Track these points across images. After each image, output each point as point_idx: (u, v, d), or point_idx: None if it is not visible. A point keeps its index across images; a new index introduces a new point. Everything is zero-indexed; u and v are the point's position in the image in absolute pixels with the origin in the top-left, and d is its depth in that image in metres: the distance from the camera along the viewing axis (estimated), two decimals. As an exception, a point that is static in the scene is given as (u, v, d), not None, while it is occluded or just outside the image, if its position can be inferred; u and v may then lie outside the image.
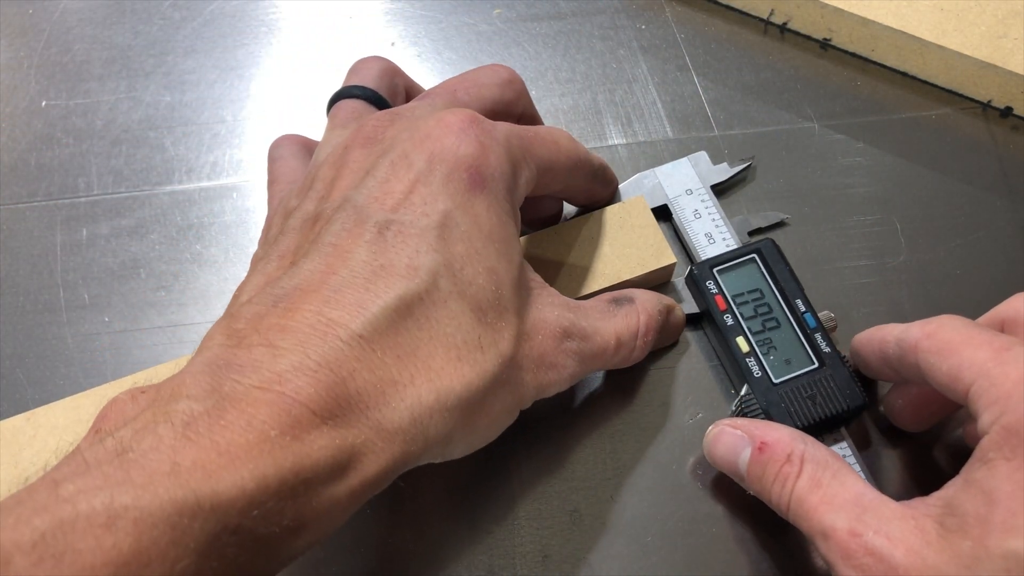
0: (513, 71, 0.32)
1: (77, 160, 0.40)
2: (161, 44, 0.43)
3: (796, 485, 0.27)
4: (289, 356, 0.21)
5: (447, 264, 0.24)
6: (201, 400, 0.20)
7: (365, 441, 0.22)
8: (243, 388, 0.21)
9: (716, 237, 0.35)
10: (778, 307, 0.33)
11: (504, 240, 0.26)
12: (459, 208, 0.25)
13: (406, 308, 0.23)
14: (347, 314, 0.23)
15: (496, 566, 0.31)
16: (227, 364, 0.22)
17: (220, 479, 0.19)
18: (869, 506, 0.25)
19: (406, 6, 0.44)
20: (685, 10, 0.43)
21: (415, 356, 0.23)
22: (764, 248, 0.34)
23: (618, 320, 0.30)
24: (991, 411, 0.23)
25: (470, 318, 0.24)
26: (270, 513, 0.20)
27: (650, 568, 0.31)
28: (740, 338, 0.32)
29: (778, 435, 0.28)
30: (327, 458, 0.21)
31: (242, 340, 0.22)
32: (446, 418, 0.23)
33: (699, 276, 0.33)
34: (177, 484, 0.18)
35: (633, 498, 0.32)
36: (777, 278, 0.33)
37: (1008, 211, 0.37)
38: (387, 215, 0.25)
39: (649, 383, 0.34)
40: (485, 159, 0.26)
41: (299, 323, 0.22)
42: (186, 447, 0.19)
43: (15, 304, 0.36)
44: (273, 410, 0.20)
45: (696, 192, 0.37)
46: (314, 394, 0.21)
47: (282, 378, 0.21)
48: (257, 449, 0.20)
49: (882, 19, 0.39)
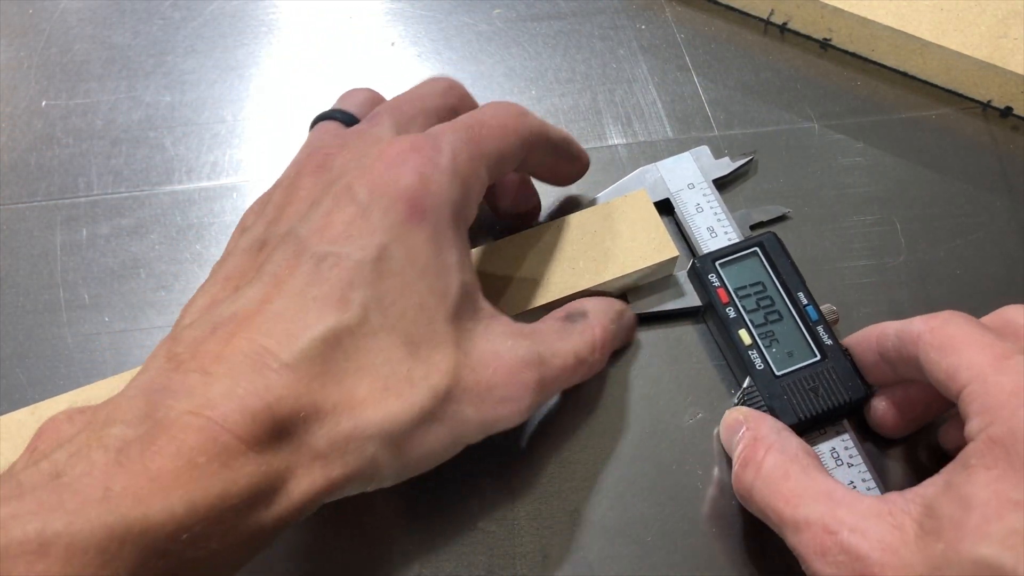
0: (452, 79, 0.32)
1: (77, 160, 0.40)
2: (161, 44, 0.43)
3: (760, 472, 0.27)
4: (220, 383, 0.22)
5: (378, 298, 0.25)
6: (134, 425, 0.21)
7: (288, 467, 0.23)
8: (175, 414, 0.21)
9: (718, 231, 0.35)
10: (780, 300, 0.33)
11: (440, 273, 0.26)
12: (395, 242, 0.25)
13: (335, 339, 0.24)
14: (278, 343, 0.23)
15: (496, 566, 0.31)
16: (163, 388, 0.22)
17: (150, 505, 0.20)
18: (842, 501, 0.25)
19: (406, 6, 0.44)
20: (685, 10, 0.43)
21: (340, 385, 0.24)
22: (766, 241, 0.34)
23: (575, 338, 0.30)
24: (981, 418, 0.23)
25: (400, 351, 0.25)
26: (198, 538, 0.21)
27: (650, 568, 0.31)
28: (743, 331, 0.32)
29: (760, 423, 0.29)
30: (252, 485, 0.22)
31: (180, 364, 0.23)
32: (365, 446, 0.24)
33: (702, 269, 0.34)
34: (108, 510, 0.19)
35: (633, 498, 0.32)
36: (779, 271, 0.33)
37: (1008, 211, 0.37)
38: (325, 247, 0.25)
39: (649, 383, 0.34)
40: (425, 191, 0.26)
41: (233, 351, 0.23)
42: (118, 473, 0.20)
43: (15, 304, 0.36)
44: (202, 437, 0.21)
45: (698, 186, 0.37)
46: (241, 420, 0.22)
47: (212, 404, 0.22)
48: (186, 476, 0.20)
49: (882, 19, 0.39)
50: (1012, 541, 0.21)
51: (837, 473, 0.31)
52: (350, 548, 0.31)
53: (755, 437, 0.29)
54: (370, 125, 0.30)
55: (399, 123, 0.30)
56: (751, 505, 0.28)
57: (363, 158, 0.27)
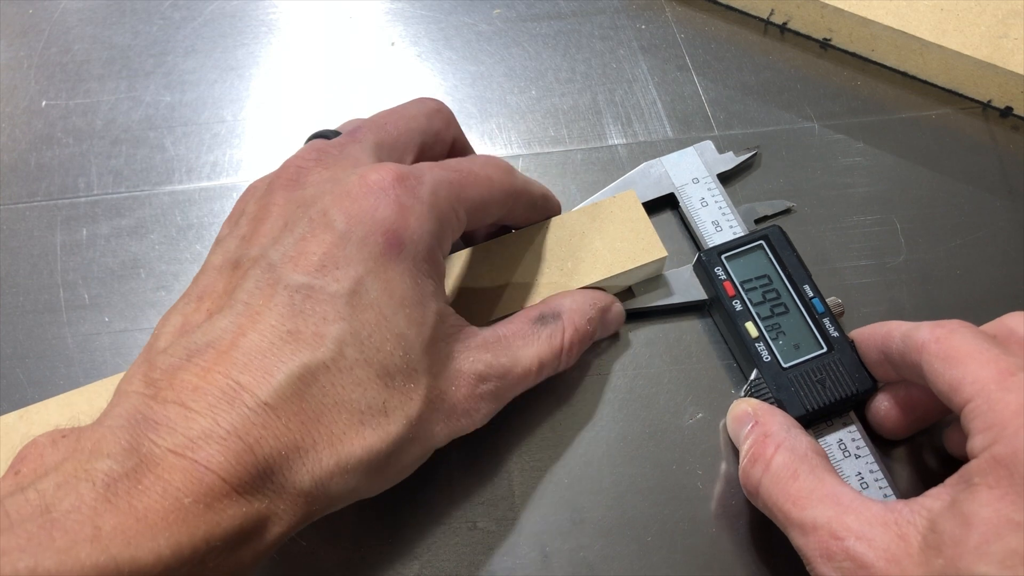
0: (440, 101, 0.32)
1: (77, 160, 0.40)
2: (161, 44, 0.43)
3: (768, 470, 0.27)
4: (200, 420, 0.22)
5: (354, 332, 0.25)
6: (120, 460, 0.21)
7: (270, 506, 0.23)
8: (160, 451, 0.22)
9: (723, 225, 0.36)
10: (786, 292, 0.33)
11: (416, 304, 0.26)
12: (371, 274, 0.25)
13: (311, 376, 0.24)
14: (254, 380, 0.23)
15: (496, 566, 0.31)
16: (144, 419, 0.22)
17: (138, 546, 0.20)
18: (850, 506, 0.25)
19: (406, 6, 0.44)
20: (685, 10, 0.43)
21: (319, 422, 0.24)
22: (772, 234, 0.34)
23: (541, 343, 0.30)
24: (984, 436, 0.23)
25: (376, 384, 0.25)
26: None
27: (650, 568, 0.31)
28: (749, 323, 0.32)
29: (770, 418, 0.29)
30: (236, 526, 0.22)
31: (158, 392, 0.23)
32: (347, 479, 0.24)
33: (708, 263, 0.34)
34: (99, 549, 0.19)
35: (633, 498, 0.32)
36: (785, 264, 0.33)
37: (1008, 211, 0.37)
38: (300, 278, 0.25)
39: (649, 383, 0.34)
40: (404, 222, 0.26)
41: (210, 385, 0.23)
42: (107, 511, 0.20)
43: (15, 304, 0.36)
44: (187, 477, 0.21)
45: (703, 181, 0.37)
46: (224, 463, 0.22)
47: (195, 444, 0.22)
48: (173, 516, 0.21)
49: (882, 19, 0.39)
50: (1011, 561, 0.21)
51: (844, 465, 0.31)
52: (350, 548, 0.31)
53: (765, 433, 0.29)
54: (350, 140, 0.29)
55: (381, 143, 0.29)
56: (757, 501, 0.28)
57: (341, 182, 0.26)
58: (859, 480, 0.30)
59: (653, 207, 0.37)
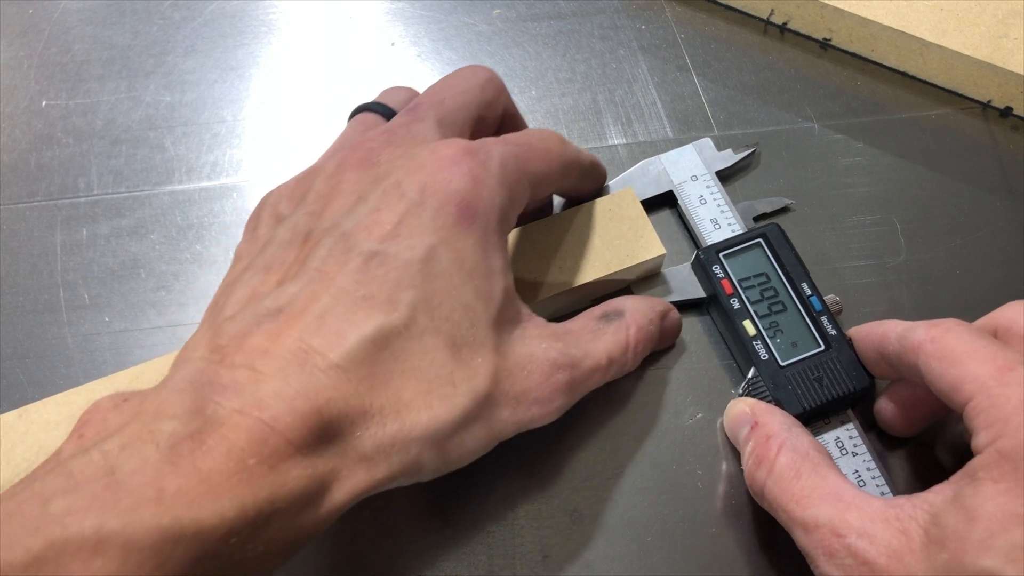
0: (491, 70, 0.32)
1: (77, 160, 0.40)
2: (161, 44, 0.43)
3: (772, 470, 0.27)
4: (270, 382, 0.22)
5: (426, 300, 0.25)
6: (184, 421, 0.21)
7: (333, 470, 0.23)
8: (225, 412, 0.21)
9: (722, 222, 0.36)
10: (784, 291, 0.33)
11: (485, 276, 0.26)
12: (444, 243, 0.25)
13: (383, 340, 0.24)
14: (326, 342, 0.23)
15: (496, 566, 0.31)
16: (210, 383, 0.22)
17: (202, 507, 0.20)
18: (852, 503, 0.25)
19: (406, 6, 0.44)
20: (685, 10, 0.43)
21: (387, 388, 0.24)
22: (770, 232, 0.34)
23: (608, 338, 0.30)
24: (987, 432, 0.23)
25: (444, 354, 0.25)
26: (245, 540, 0.21)
27: (650, 568, 0.31)
28: (747, 321, 0.32)
29: (770, 418, 0.29)
30: (299, 488, 0.22)
31: (225, 358, 0.23)
32: (410, 449, 0.24)
33: (706, 260, 0.34)
34: (163, 511, 0.19)
35: (633, 498, 0.32)
36: (783, 262, 0.33)
37: (1008, 211, 0.37)
38: (373, 245, 0.25)
39: (649, 383, 0.34)
40: (477, 193, 0.26)
41: (281, 348, 0.23)
42: (170, 472, 0.20)
43: (15, 304, 0.36)
44: (252, 437, 0.21)
45: (701, 178, 0.37)
46: (291, 423, 0.22)
47: (262, 404, 0.22)
48: (237, 478, 0.20)
49: (882, 19, 0.39)
50: (1015, 555, 0.21)
51: (842, 463, 0.31)
52: (350, 549, 0.31)
53: (767, 435, 0.28)
54: (412, 118, 0.29)
55: (442, 119, 0.30)
56: (763, 503, 0.28)
57: (411, 157, 0.27)
58: (856, 478, 0.30)
59: (652, 205, 0.37)
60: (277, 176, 0.32)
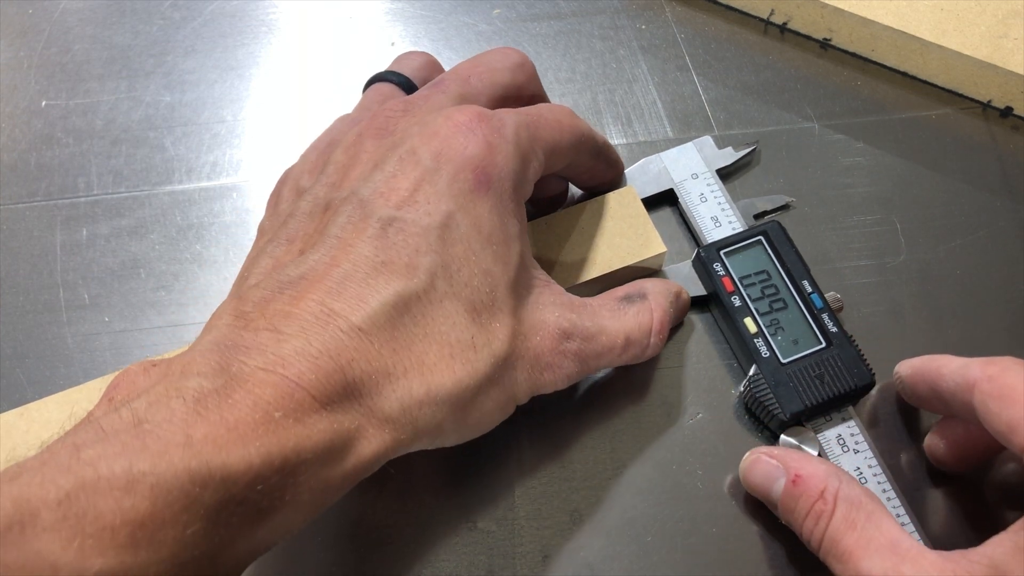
0: (523, 54, 0.32)
1: (77, 160, 0.40)
2: (161, 44, 0.43)
3: (830, 525, 0.27)
4: (292, 341, 0.22)
5: (445, 265, 0.25)
6: (210, 378, 0.21)
7: (359, 427, 0.23)
8: (249, 369, 0.22)
9: (722, 220, 0.36)
10: (785, 288, 0.33)
11: (503, 242, 0.27)
12: (461, 209, 0.26)
13: (404, 305, 0.24)
14: (348, 306, 0.23)
15: (496, 566, 0.31)
16: (234, 345, 0.23)
17: (230, 453, 0.20)
18: (907, 555, 0.25)
19: (406, 6, 0.44)
20: (685, 10, 0.43)
21: (410, 351, 0.24)
22: (770, 230, 0.34)
23: (628, 319, 0.30)
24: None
25: (464, 318, 0.25)
26: (272, 488, 0.21)
27: (650, 568, 0.31)
28: (748, 319, 0.32)
29: (813, 469, 0.28)
30: (325, 441, 0.22)
31: (249, 323, 0.23)
32: (435, 411, 0.24)
33: (706, 258, 0.34)
34: (191, 455, 0.20)
35: (633, 498, 0.32)
36: (784, 259, 0.33)
37: (1008, 211, 0.37)
38: (391, 212, 0.25)
39: (650, 383, 0.34)
40: (492, 159, 0.26)
41: (303, 311, 0.23)
42: (198, 421, 0.20)
43: (15, 304, 0.36)
44: (277, 392, 0.21)
45: (702, 176, 0.37)
46: (315, 380, 0.22)
47: (285, 362, 0.22)
48: (263, 428, 0.21)
49: (882, 19, 0.39)
50: None
51: (844, 460, 0.31)
52: (350, 548, 0.31)
53: (818, 489, 0.27)
54: (434, 91, 0.30)
55: (465, 95, 0.30)
56: (821, 555, 0.27)
57: (426, 124, 0.27)
58: (858, 474, 0.30)
59: (652, 203, 0.37)
60: (277, 176, 0.32)
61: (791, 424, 0.31)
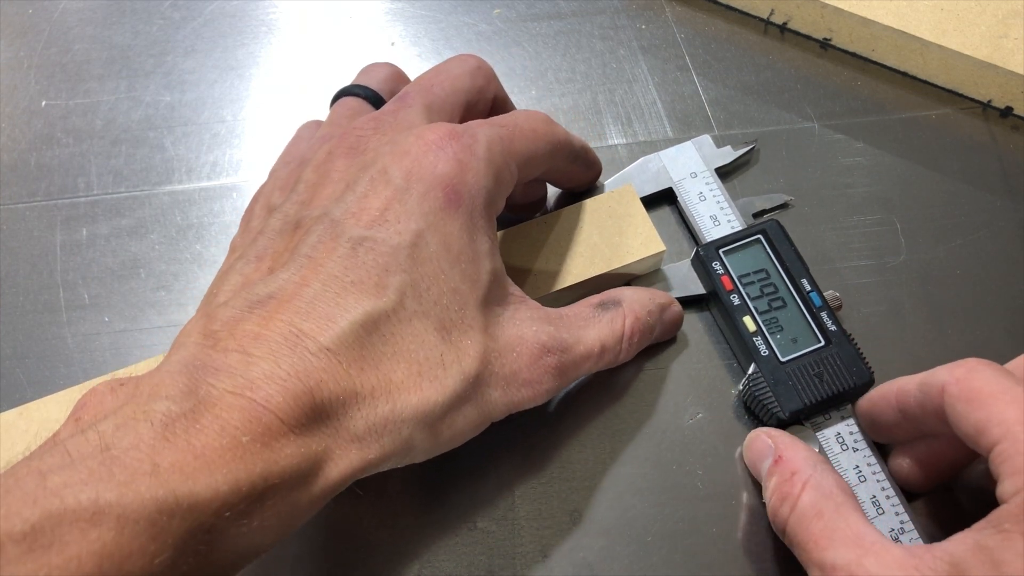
0: (480, 58, 0.32)
1: (77, 160, 0.40)
2: (161, 44, 0.43)
3: (795, 509, 0.27)
4: (261, 364, 0.22)
5: (414, 284, 0.25)
6: (178, 401, 0.21)
7: (326, 449, 0.23)
8: (217, 392, 0.22)
9: (721, 219, 0.36)
10: (784, 287, 0.33)
11: (472, 260, 0.27)
12: (431, 228, 0.26)
13: (372, 324, 0.24)
14: (317, 327, 0.23)
15: (496, 566, 0.31)
16: (203, 366, 0.22)
17: (197, 481, 0.20)
18: (871, 548, 0.25)
19: (406, 6, 0.44)
20: (685, 10, 0.43)
21: (377, 370, 0.24)
22: (769, 229, 0.34)
23: (603, 326, 0.30)
24: (1014, 480, 0.23)
25: (434, 336, 0.25)
26: (240, 515, 0.21)
27: (650, 568, 0.31)
28: (747, 317, 0.32)
29: (795, 453, 0.28)
30: (293, 466, 0.22)
31: (217, 342, 0.23)
32: (402, 430, 0.24)
33: (705, 257, 0.34)
34: (158, 484, 0.19)
35: (633, 498, 0.32)
36: (783, 258, 0.33)
37: (1008, 211, 0.37)
38: (361, 231, 0.25)
39: (649, 383, 0.34)
40: (462, 177, 0.26)
41: (272, 332, 0.23)
42: (165, 448, 0.20)
43: (15, 304, 0.36)
44: (245, 416, 0.21)
45: (700, 175, 0.37)
46: (283, 403, 0.22)
47: (254, 385, 0.22)
48: (230, 454, 0.21)
49: (882, 19, 0.39)
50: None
51: (842, 458, 0.30)
52: (350, 548, 0.31)
53: (792, 471, 0.28)
54: (400, 106, 0.30)
55: (430, 105, 0.30)
56: (784, 539, 0.28)
57: (397, 144, 0.27)
58: (857, 473, 0.30)
59: (651, 202, 0.37)
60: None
61: (790, 422, 0.31)
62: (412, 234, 0.25)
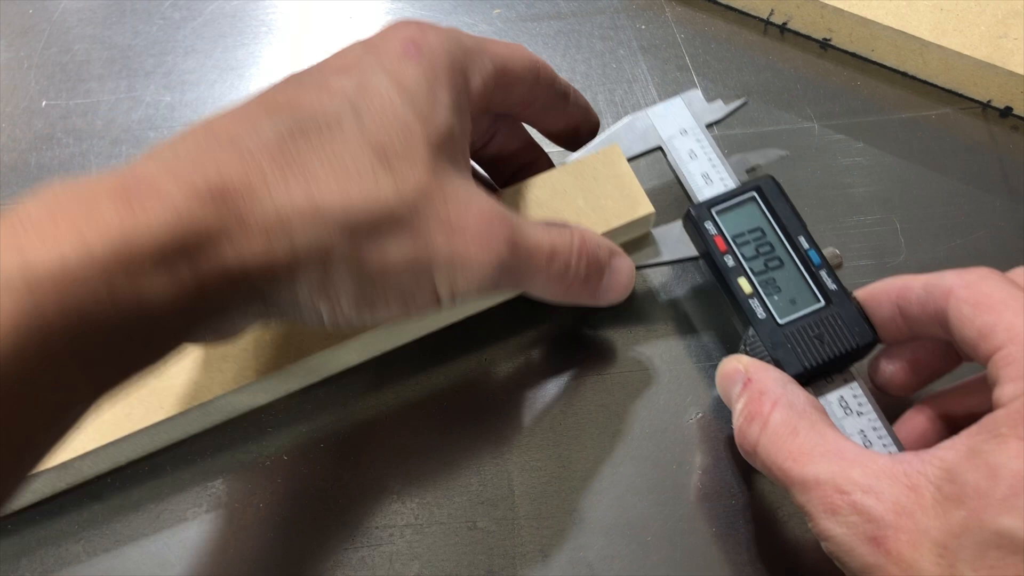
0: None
1: (77, 160, 0.40)
2: (161, 44, 0.43)
3: (766, 428, 0.26)
4: (159, 155, 0.23)
5: (355, 109, 0.25)
6: (70, 186, 0.21)
7: (221, 227, 0.22)
8: (96, 177, 0.21)
9: (713, 177, 0.34)
10: (780, 245, 0.31)
11: (429, 103, 0.26)
12: (384, 71, 0.25)
13: (300, 132, 0.24)
14: (234, 125, 0.24)
15: (496, 566, 0.31)
16: (133, 163, 0.23)
17: (39, 251, 0.19)
18: (855, 460, 0.24)
19: (406, 6, 0.44)
20: (685, 10, 0.43)
21: (295, 164, 0.23)
22: (764, 185, 0.32)
23: (553, 232, 0.29)
24: (1015, 384, 0.23)
25: (368, 156, 0.24)
26: (100, 292, 0.20)
27: (650, 568, 0.31)
28: (742, 279, 0.31)
29: (764, 375, 0.28)
30: (167, 232, 0.21)
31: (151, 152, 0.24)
32: (319, 228, 0.23)
33: (697, 217, 0.32)
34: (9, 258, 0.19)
35: (633, 498, 0.32)
36: (778, 215, 0.32)
37: (1008, 211, 0.37)
38: (320, 75, 0.26)
39: (649, 382, 0.34)
40: (423, 36, 0.26)
41: (195, 134, 0.24)
42: (27, 219, 0.20)
43: (15, 304, 0.36)
44: (108, 184, 0.21)
45: (691, 132, 0.35)
46: (155, 171, 0.22)
47: (135, 165, 0.22)
48: (84, 220, 0.20)
49: (882, 19, 0.39)
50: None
51: (846, 422, 0.29)
52: (350, 548, 0.31)
53: (760, 391, 0.27)
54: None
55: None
56: (755, 462, 0.27)
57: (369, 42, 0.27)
58: (862, 437, 0.29)
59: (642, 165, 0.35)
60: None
61: (791, 386, 0.30)
62: (361, 75, 0.25)
